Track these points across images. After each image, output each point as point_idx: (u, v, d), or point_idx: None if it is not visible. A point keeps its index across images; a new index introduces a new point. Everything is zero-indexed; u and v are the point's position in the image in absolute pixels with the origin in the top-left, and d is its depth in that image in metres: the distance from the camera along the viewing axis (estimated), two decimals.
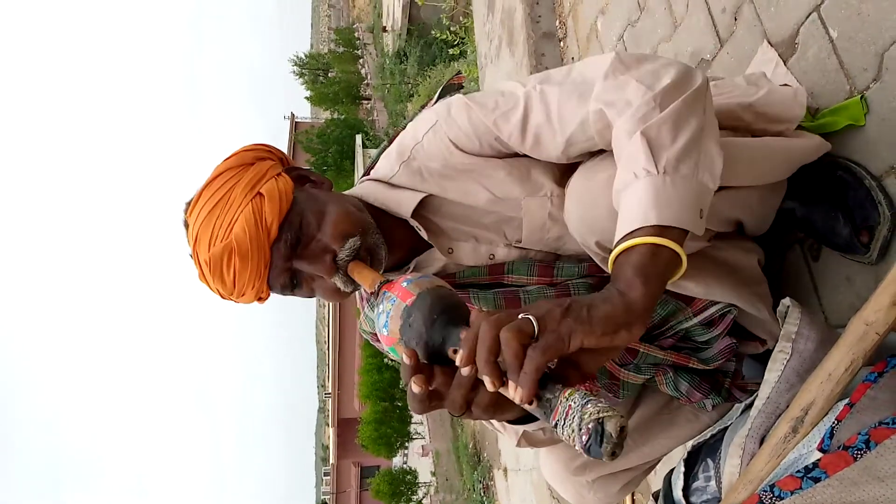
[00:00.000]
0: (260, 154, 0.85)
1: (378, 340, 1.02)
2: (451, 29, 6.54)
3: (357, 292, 1.01)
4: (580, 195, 0.80)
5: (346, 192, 0.93)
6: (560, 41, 2.56)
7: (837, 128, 1.00)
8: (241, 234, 0.76)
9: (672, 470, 0.91)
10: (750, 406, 0.80)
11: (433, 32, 7.88)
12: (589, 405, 0.52)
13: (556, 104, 0.76)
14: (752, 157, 0.85)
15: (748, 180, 0.85)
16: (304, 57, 24.19)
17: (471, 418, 0.63)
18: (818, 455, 0.65)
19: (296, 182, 0.85)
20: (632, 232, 0.62)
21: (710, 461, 0.82)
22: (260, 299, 0.83)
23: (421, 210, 0.88)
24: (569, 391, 0.54)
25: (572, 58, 2.40)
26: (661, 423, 1.01)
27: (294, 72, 23.48)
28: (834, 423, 0.66)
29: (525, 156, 0.87)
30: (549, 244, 0.89)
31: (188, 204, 0.83)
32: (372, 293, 0.73)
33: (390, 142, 0.94)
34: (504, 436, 0.92)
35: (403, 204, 0.87)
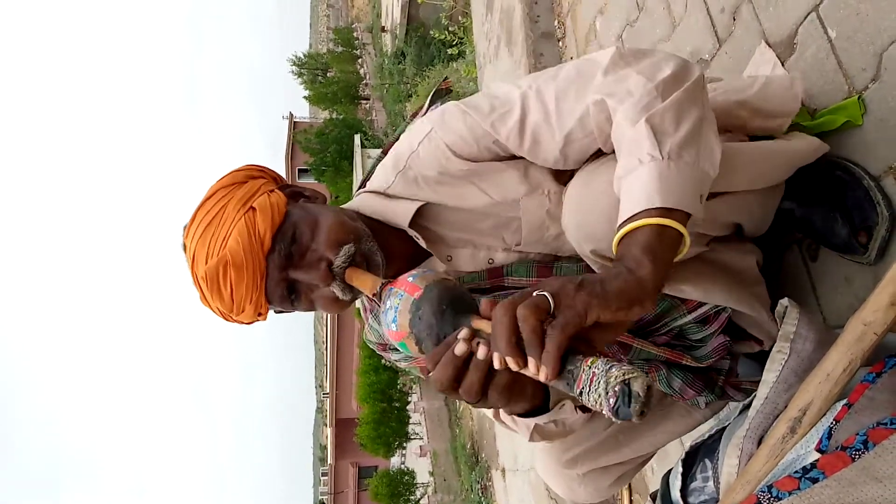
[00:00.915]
0: (252, 173, 0.86)
1: (385, 350, 1.02)
2: (450, 29, 6.54)
3: (362, 303, 1.01)
4: (577, 202, 0.80)
5: (344, 206, 0.94)
6: (559, 41, 2.56)
7: (835, 126, 1.00)
8: (235, 247, 0.77)
9: (670, 470, 0.91)
10: (748, 406, 0.80)
11: (432, 32, 7.88)
12: (613, 369, 0.53)
13: (553, 102, 0.77)
14: (750, 162, 0.85)
15: (746, 185, 0.85)
16: (302, 57, 24.18)
17: (485, 406, 0.63)
18: (816, 455, 0.65)
19: (290, 198, 0.86)
20: (636, 214, 0.63)
21: (707, 461, 0.82)
22: (259, 315, 0.83)
23: (418, 219, 0.88)
24: (591, 360, 0.54)
25: (570, 57, 2.40)
26: (653, 419, 1.01)
27: (293, 71, 23.47)
28: (832, 423, 0.66)
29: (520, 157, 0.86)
30: (548, 244, 0.89)
31: (185, 227, 0.84)
32: (374, 295, 0.73)
33: (384, 152, 0.94)
34: (516, 432, 0.92)
35: (400, 214, 0.87)
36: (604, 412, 0.53)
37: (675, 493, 0.85)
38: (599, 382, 0.53)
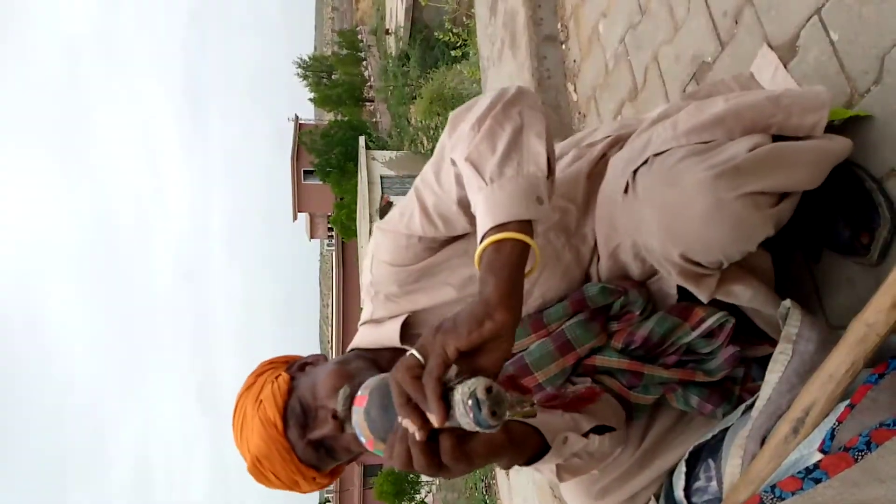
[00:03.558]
0: (262, 370, 0.94)
1: None
2: (454, 31, 6.55)
3: None
4: (664, 202, 0.78)
5: (350, 345, 1.00)
6: (562, 44, 2.57)
7: (845, 116, 0.98)
8: (257, 442, 0.85)
9: (673, 469, 0.91)
10: (751, 407, 0.81)
11: (436, 34, 7.90)
12: (463, 388, 0.57)
13: (434, 180, 0.83)
14: (813, 160, 0.84)
15: (807, 184, 0.84)
16: (307, 59, 24.26)
17: (459, 474, 0.66)
18: (819, 456, 0.65)
19: (296, 372, 0.93)
20: (480, 244, 0.67)
21: (711, 461, 0.82)
22: (314, 479, 0.88)
23: (411, 330, 0.94)
24: (453, 391, 0.58)
25: (574, 60, 2.41)
26: (675, 435, 1.00)
27: (298, 74, 23.55)
28: (835, 424, 0.66)
29: (456, 238, 0.90)
30: (525, 300, 0.91)
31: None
32: None
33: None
34: (553, 480, 0.93)
35: (390, 335, 0.93)
36: (476, 429, 0.57)
37: (679, 493, 0.85)
38: (459, 407, 0.57)
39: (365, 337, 0.97)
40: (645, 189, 0.81)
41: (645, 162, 0.82)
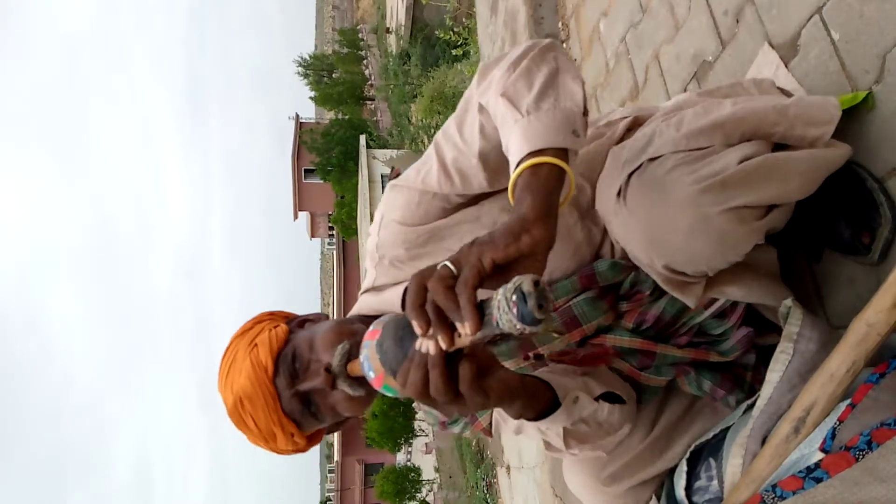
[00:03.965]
0: (260, 318, 0.94)
1: (445, 427, 1.05)
2: (455, 30, 6.55)
3: None
4: (650, 215, 0.80)
5: (349, 314, 0.99)
6: (563, 43, 2.56)
7: (852, 103, 0.98)
8: (244, 382, 0.84)
9: (675, 468, 0.91)
10: (752, 406, 0.81)
11: (437, 33, 7.90)
12: (506, 286, 0.55)
13: (456, 133, 0.82)
14: (807, 170, 0.85)
15: (799, 194, 0.85)
16: (308, 58, 24.26)
17: (471, 408, 0.64)
18: (820, 455, 0.66)
19: (296, 327, 0.92)
20: (515, 169, 0.67)
21: (712, 461, 0.82)
22: (292, 435, 0.87)
23: None
24: (493, 293, 0.57)
25: (574, 59, 2.41)
26: (684, 425, 1.00)
27: (299, 72, 23.55)
28: (836, 423, 0.67)
29: (469, 204, 0.90)
30: None
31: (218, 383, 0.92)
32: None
33: None
34: (561, 454, 0.93)
35: (391, 303, 0.92)
36: (517, 328, 0.55)
37: (680, 492, 0.86)
38: (501, 304, 0.55)
39: (365, 304, 0.96)
40: (633, 200, 0.82)
41: (640, 166, 0.83)
